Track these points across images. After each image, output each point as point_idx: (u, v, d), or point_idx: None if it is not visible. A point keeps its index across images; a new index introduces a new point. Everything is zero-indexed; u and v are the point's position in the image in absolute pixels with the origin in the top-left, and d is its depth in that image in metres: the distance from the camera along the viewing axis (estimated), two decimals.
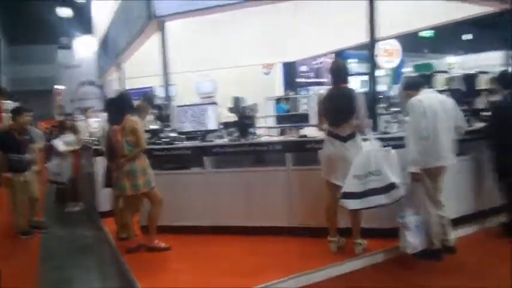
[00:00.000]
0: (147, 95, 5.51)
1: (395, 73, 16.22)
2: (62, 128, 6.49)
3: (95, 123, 7.08)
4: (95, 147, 5.80)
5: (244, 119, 4.66)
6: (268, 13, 6.10)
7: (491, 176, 4.24)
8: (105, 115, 5.16)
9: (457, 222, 4.01)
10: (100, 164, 5.45)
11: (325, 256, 3.67)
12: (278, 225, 4.29)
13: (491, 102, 4.42)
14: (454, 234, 3.77)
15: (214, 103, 4.82)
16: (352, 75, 4.00)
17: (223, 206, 4.48)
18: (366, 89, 4.53)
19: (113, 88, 11.74)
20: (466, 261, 3.62)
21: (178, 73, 7.62)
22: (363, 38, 7.80)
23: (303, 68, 15.91)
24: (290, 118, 4.54)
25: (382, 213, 3.71)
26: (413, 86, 3.81)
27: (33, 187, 5.25)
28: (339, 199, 3.54)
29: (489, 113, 4.39)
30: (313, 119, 4.37)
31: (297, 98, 4.60)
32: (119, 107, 4.22)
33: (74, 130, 6.57)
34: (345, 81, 3.78)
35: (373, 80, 4.57)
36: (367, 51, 7.53)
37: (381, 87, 10.89)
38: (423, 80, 3.98)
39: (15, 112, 5.31)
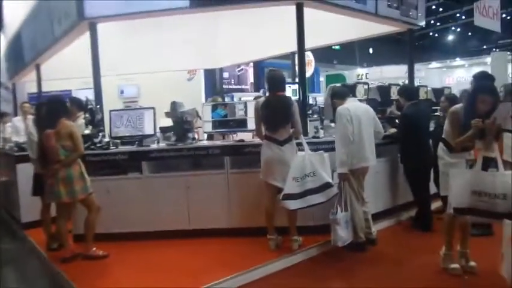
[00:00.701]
0: (75, 99, 5.29)
1: (310, 82, 17.35)
2: None
3: (8, 129, 6.60)
4: (16, 153, 5.41)
5: (182, 124, 4.74)
6: (194, 20, 6.26)
7: (403, 175, 4.88)
8: (31, 119, 4.88)
9: (376, 217, 4.54)
10: (24, 171, 5.12)
11: (265, 253, 3.92)
12: (218, 227, 4.45)
13: (391, 112, 5.17)
14: (375, 228, 4.29)
15: (151, 108, 4.82)
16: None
17: (163, 210, 4.51)
18: (296, 97, 4.89)
19: (26, 91, 10.90)
20: (385, 252, 4.13)
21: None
22: (286, 48, 8.43)
23: (225, 75, 16.23)
24: (228, 123, 4.72)
25: (315, 212, 4.09)
26: (340, 95, 4.25)
27: None
28: (280, 200, 3.82)
29: (398, 121, 5.07)
30: (250, 124, 4.62)
31: (234, 105, 4.78)
32: (52, 110, 4.06)
33: None
34: (282, 89, 4.10)
35: (303, 89, 4.96)
36: (291, 61, 8.06)
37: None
38: (348, 89, 4.44)
39: None
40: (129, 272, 3.80)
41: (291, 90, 5.18)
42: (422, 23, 7.15)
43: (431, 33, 24.36)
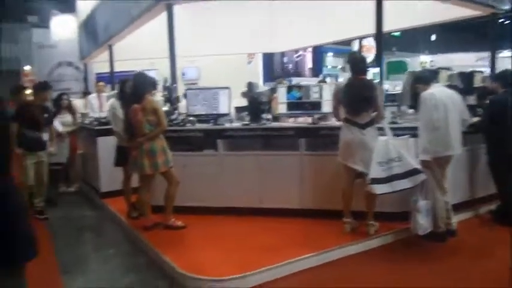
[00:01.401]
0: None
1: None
2: (59, 107, 6.30)
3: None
4: (97, 127, 5.73)
5: (257, 104, 4.79)
6: (256, 4, 6.24)
7: (486, 166, 4.63)
8: (105, 96, 5.12)
9: (453, 208, 4.37)
10: (104, 144, 5.42)
11: (340, 236, 3.90)
12: (290, 207, 4.48)
13: (490, 99, 4.81)
14: (455, 219, 4.13)
15: (226, 88, 4.90)
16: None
17: (235, 187, 4.61)
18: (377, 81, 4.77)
19: (94, 71, 11.49)
20: (466, 244, 3.97)
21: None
22: (351, 32, 8.23)
23: (284, 60, 16.17)
24: (302, 105, 4.70)
25: (393, 198, 4.00)
26: (424, 80, 4.09)
27: (44, 169, 5.10)
28: (367, 184, 3.76)
29: (484, 109, 4.78)
30: (325, 107, 4.58)
31: (309, 87, 4.74)
32: (139, 86, 4.23)
33: (71, 110, 6.42)
34: (364, 72, 4.01)
35: (381, 73, 4.84)
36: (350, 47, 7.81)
37: None
38: (432, 75, 4.27)
39: (39, 87, 5.09)
40: (206, 244, 3.94)
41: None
42: (507, 7, 6.68)
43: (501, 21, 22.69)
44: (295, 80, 13.16)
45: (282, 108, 4.83)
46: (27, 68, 27.03)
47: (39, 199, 5.13)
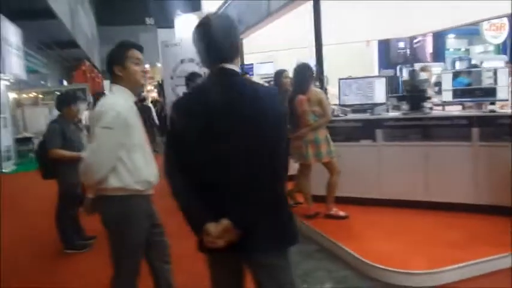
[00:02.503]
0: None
1: (502, 48, 15.23)
2: None
3: None
4: None
5: (417, 92, 4.56)
6: None
7: None
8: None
9: None
10: None
11: None
12: (463, 201, 4.18)
13: None
14: None
15: (383, 76, 4.75)
16: None
17: (397, 179, 4.45)
18: None
19: None
20: None
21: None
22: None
23: (400, 45, 15.26)
24: (472, 92, 4.34)
25: None
26: None
27: None
28: None
29: None
30: (501, 93, 4.17)
31: (480, 72, 4.36)
32: (304, 77, 4.30)
33: None
34: None
35: None
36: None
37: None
38: None
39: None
40: (376, 235, 3.86)
41: None
42: None
43: None
44: (417, 66, 12.42)
45: (446, 96, 4.53)
46: (146, 66, 29.48)
47: None
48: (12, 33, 10.47)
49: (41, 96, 13.82)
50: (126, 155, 2.17)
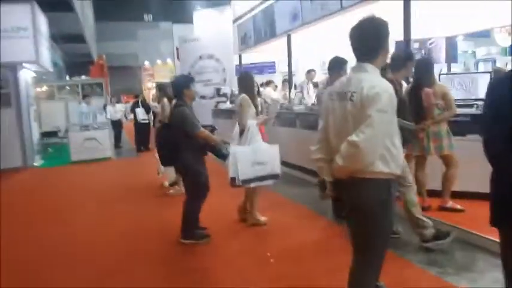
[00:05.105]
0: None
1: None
2: None
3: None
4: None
5: None
6: None
7: None
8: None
9: None
10: None
11: None
12: None
13: None
14: None
15: (487, 72, 4.84)
16: None
17: None
18: None
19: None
20: None
21: None
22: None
23: (415, 45, 15.55)
24: None
25: None
26: None
27: None
28: None
29: None
30: None
31: None
32: (427, 70, 4.33)
33: None
34: None
35: None
36: None
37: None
38: None
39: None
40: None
41: None
42: None
43: None
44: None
45: None
46: (146, 63, 29.17)
47: None
48: (43, 22, 10.08)
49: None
50: (390, 140, 2.13)
